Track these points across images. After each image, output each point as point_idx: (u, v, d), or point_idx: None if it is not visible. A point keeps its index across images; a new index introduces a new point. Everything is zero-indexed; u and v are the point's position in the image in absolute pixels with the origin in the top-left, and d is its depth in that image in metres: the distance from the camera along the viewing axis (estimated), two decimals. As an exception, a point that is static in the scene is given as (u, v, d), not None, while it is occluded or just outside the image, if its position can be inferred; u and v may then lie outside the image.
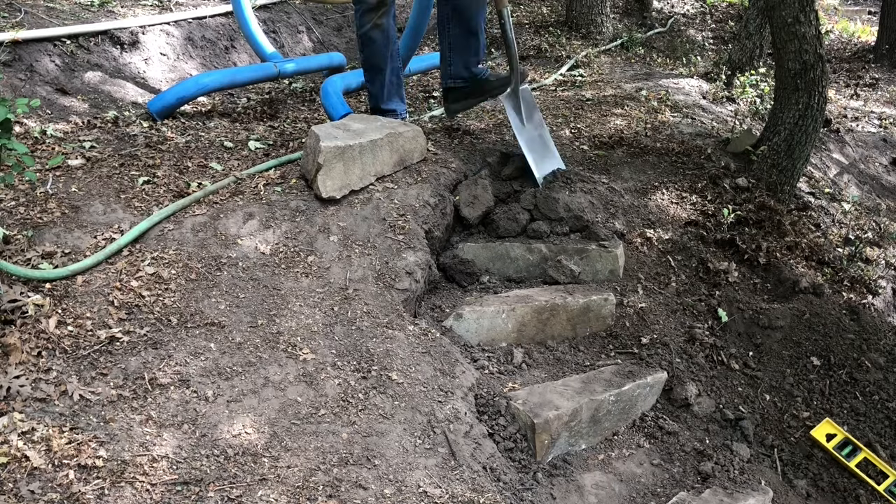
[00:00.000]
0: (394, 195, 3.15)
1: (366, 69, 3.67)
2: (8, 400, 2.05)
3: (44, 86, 3.76)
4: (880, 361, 3.36)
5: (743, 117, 5.02)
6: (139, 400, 2.17)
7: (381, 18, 3.48)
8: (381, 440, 2.21)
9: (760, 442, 3.07)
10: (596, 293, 3.13)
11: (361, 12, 3.49)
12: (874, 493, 3.03)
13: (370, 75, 3.65)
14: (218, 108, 4.34)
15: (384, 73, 3.62)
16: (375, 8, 3.46)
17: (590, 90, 5.35)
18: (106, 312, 2.39)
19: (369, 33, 3.51)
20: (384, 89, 3.65)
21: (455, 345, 2.76)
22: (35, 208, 2.73)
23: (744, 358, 3.29)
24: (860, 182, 5.20)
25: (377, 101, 3.67)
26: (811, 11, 3.83)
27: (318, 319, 2.58)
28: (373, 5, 3.45)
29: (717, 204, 3.87)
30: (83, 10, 4.60)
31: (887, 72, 7.54)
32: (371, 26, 3.49)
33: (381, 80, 3.63)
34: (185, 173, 3.17)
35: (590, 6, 7.18)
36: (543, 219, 3.41)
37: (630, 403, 2.81)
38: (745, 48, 5.99)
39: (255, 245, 2.80)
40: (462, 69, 3.62)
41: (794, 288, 3.58)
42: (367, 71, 3.66)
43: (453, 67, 3.63)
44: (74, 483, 1.87)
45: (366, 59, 3.62)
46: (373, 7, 3.46)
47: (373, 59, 3.58)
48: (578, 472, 2.58)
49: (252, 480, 2.01)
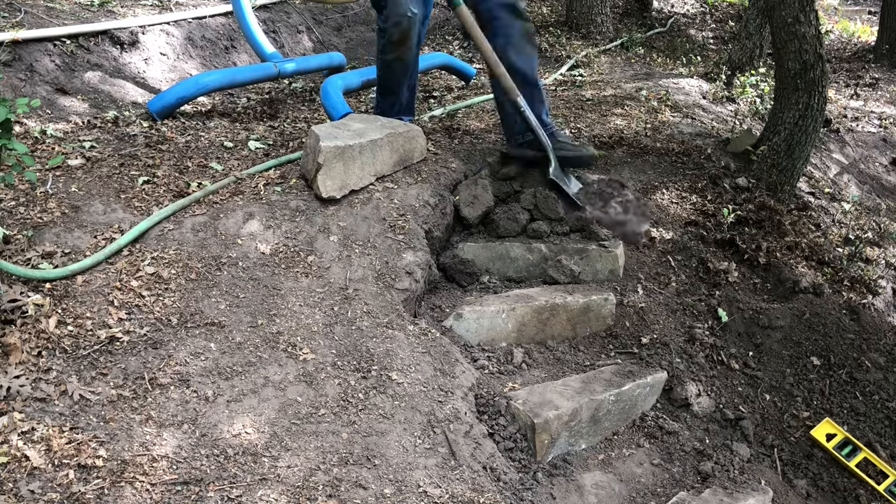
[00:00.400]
0: (394, 195, 3.15)
1: (380, 86, 3.66)
2: (8, 400, 2.05)
3: (44, 86, 3.76)
4: (880, 361, 3.36)
5: (743, 117, 5.02)
6: (139, 400, 2.17)
7: (404, 53, 3.44)
8: (381, 440, 2.22)
9: (760, 442, 3.07)
10: (596, 293, 3.13)
11: (385, 42, 3.44)
12: (874, 493, 3.03)
13: (383, 91, 3.64)
14: (218, 108, 4.34)
15: (398, 94, 3.61)
16: (399, 43, 3.41)
17: (590, 90, 5.35)
18: (106, 312, 2.39)
19: (390, 63, 3.50)
20: (394, 107, 3.65)
21: (455, 345, 2.76)
22: (35, 208, 2.73)
23: (744, 358, 3.29)
24: (860, 182, 5.20)
25: (384, 114, 3.64)
26: (811, 11, 3.83)
27: (318, 319, 2.58)
28: (395, 40, 3.40)
29: (717, 204, 3.87)
30: (83, 10, 4.59)
31: (887, 72, 7.54)
32: (393, 57, 3.47)
33: (391, 100, 3.63)
34: (185, 173, 3.17)
35: (590, 6, 7.18)
36: (543, 219, 3.41)
37: (630, 403, 2.81)
38: (745, 48, 5.99)
39: (255, 245, 2.80)
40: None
41: (794, 288, 3.58)
42: (380, 87, 3.65)
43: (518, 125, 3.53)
44: (74, 483, 1.87)
45: (382, 80, 3.61)
46: (396, 42, 3.41)
47: (389, 82, 3.58)
48: (578, 471, 2.58)
49: (252, 480, 2.01)
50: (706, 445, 2.85)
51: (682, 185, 3.99)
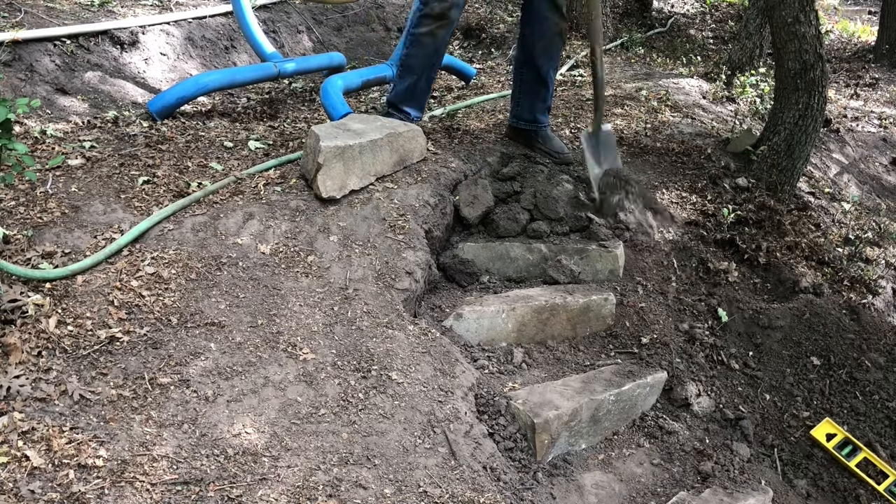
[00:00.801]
0: (394, 195, 3.15)
1: (402, 65, 3.65)
2: (8, 400, 2.05)
3: (44, 86, 3.76)
4: (880, 361, 3.36)
5: (743, 117, 5.02)
6: (139, 400, 2.17)
7: (438, 29, 3.47)
8: (381, 440, 2.22)
9: (760, 442, 3.07)
10: (596, 293, 3.13)
11: (421, 15, 3.46)
12: (874, 493, 3.03)
13: (403, 73, 3.64)
14: (218, 108, 4.34)
15: (417, 79, 3.62)
16: (438, 17, 3.43)
17: (590, 90, 5.35)
18: (106, 312, 2.39)
19: (421, 37, 3.50)
20: (409, 91, 3.65)
21: (455, 345, 2.76)
22: (35, 208, 2.73)
23: (744, 358, 3.29)
24: (860, 182, 5.20)
25: (397, 97, 3.67)
26: (811, 11, 3.83)
27: (318, 319, 2.58)
28: (435, 14, 3.42)
29: (717, 204, 3.87)
30: (83, 10, 4.59)
31: (887, 72, 7.54)
32: (426, 32, 3.48)
33: (411, 82, 3.63)
34: (185, 173, 3.17)
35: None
36: (543, 219, 3.41)
37: (630, 403, 2.81)
38: (745, 48, 5.99)
39: (255, 245, 2.80)
40: (527, 112, 3.77)
41: (794, 288, 3.58)
42: (402, 67, 3.65)
43: (520, 109, 3.80)
44: (74, 483, 1.87)
45: (407, 57, 3.60)
46: (434, 15, 3.43)
47: (413, 60, 3.58)
48: (578, 471, 2.58)
49: (252, 480, 2.01)
50: (706, 445, 2.85)
51: (682, 185, 3.99)
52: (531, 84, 3.71)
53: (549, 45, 3.62)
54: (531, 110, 3.76)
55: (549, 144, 3.82)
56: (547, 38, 3.59)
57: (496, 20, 7.34)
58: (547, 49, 3.62)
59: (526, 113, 3.78)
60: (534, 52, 3.62)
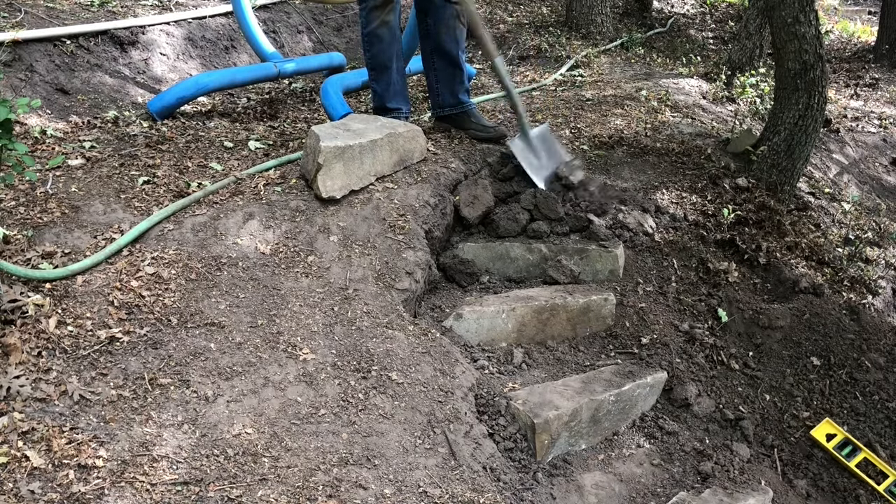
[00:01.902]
0: (394, 195, 3.15)
1: (371, 68, 3.70)
2: (8, 400, 2.05)
3: (44, 86, 3.76)
4: (880, 361, 3.36)
5: (743, 117, 5.01)
6: (139, 400, 2.17)
7: (387, 16, 3.55)
8: (381, 440, 2.22)
9: (760, 442, 3.07)
10: (596, 293, 3.13)
11: (368, 10, 3.53)
12: (874, 493, 3.03)
13: (376, 74, 3.69)
14: (218, 108, 4.34)
15: (390, 72, 3.67)
16: (382, 6, 3.51)
17: (590, 90, 5.35)
18: (106, 312, 2.39)
19: (376, 31, 3.57)
20: (390, 88, 3.69)
21: (455, 345, 2.76)
22: (35, 208, 2.73)
23: (744, 358, 3.29)
24: (860, 182, 5.20)
25: (382, 100, 3.70)
26: (811, 11, 3.83)
27: (318, 319, 2.58)
28: (379, 3, 3.50)
29: (717, 204, 3.87)
30: (83, 10, 4.59)
31: (887, 72, 7.54)
32: (378, 24, 3.54)
33: (386, 79, 3.67)
34: (185, 173, 3.17)
35: (590, 6, 7.18)
36: (543, 219, 3.41)
37: (630, 403, 2.81)
38: (745, 48, 5.99)
39: (255, 245, 2.80)
40: (449, 97, 3.84)
41: (794, 288, 3.58)
42: (372, 69, 3.70)
43: (441, 97, 3.86)
44: (74, 483, 1.87)
45: (372, 58, 3.66)
46: (379, 5, 3.50)
47: (380, 57, 3.63)
48: (578, 472, 2.58)
49: (252, 480, 2.01)
50: (706, 445, 2.85)
51: (682, 185, 3.99)
52: (445, 70, 3.77)
53: (453, 29, 3.69)
54: (452, 94, 3.82)
55: (482, 121, 3.89)
56: (450, 24, 3.66)
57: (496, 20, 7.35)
58: (451, 33, 3.69)
59: (448, 98, 3.83)
60: (439, 40, 3.69)
